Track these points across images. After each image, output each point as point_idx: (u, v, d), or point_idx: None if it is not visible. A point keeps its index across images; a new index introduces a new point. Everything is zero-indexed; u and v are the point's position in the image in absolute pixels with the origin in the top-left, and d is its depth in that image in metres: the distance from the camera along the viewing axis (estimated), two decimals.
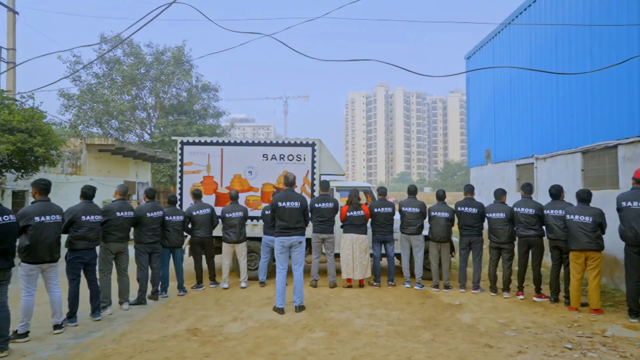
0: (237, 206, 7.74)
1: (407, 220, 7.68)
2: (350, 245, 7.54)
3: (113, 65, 25.35)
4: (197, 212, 7.51)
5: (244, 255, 7.76)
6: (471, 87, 13.59)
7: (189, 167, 8.60)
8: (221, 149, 8.59)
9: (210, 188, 8.56)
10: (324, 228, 7.57)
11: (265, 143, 8.59)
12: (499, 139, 11.39)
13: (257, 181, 8.54)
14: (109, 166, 15.78)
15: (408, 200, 7.83)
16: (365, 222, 7.67)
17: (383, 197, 7.93)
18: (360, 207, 7.61)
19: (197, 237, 7.50)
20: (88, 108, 25.05)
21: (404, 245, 7.80)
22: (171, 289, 7.31)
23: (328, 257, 7.73)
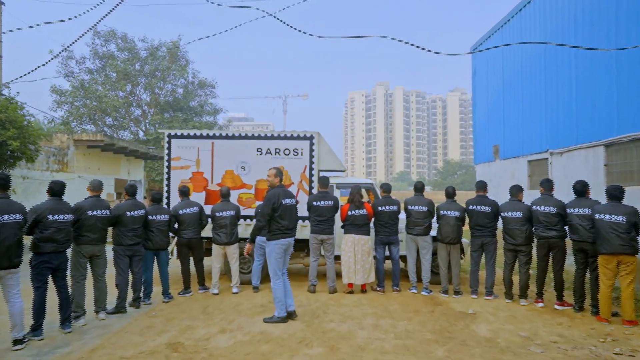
0: (228, 204, 7.09)
1: (414, 219, 7.05)
2: (352, 247, 6.90)
3: (106, 60, 24.66)
4: (184, 210, 6.87)
5: (236, 257, 7.12)
6: (477, 80, 12.95)
7: (177, 163, 7.95)
8: (212, 142, 7.94)
9: (199, 185, 7.91)
10: (323, 228, 6.93)
11: (260, 136, 7.94)
12: (508, 134, 10.75)
13: (251, 177, 7.89)
14: (98, 163, 15.12)
15: (415, 197, 7.19)
16: (369, 222, 7.03)
17: (387, 194, 7.28)
18: (362, 205, 6.97)
19: (184, 238, 6.86)
20: (81, 104, 24.40)
21: (410, 247, 7.16)
22: (156, 295, 6.67)
23: (327, 260, 7.09)
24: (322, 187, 7.08)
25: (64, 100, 23.99)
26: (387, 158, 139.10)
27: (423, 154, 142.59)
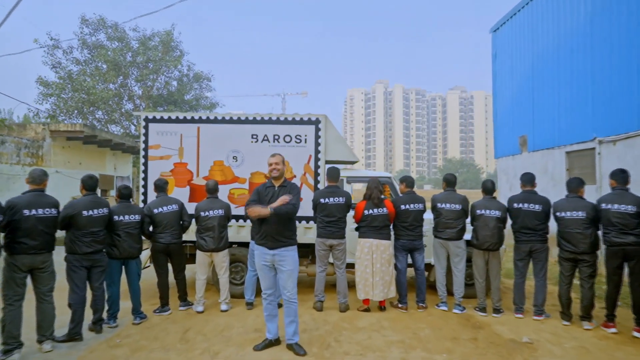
0: (216, 202, 5.78)
1: (444, 220, 5.74)
2: (369, 254, 5.59)
3: (96, 50, 23.25)
4: (160, 209, 5.55)
5: (225, 267, 5.81)
6: (499, 65, 11.63)
7: (156, 152, 6.61)
8: (197, 127, 6.61)
9: (182, 178, 6.58)
10: (332, 231, 5.63)
11: (255, 120, 6.61)
12: (539, 122, 9.44)
13: (244, 169, 6.57)
14: (80, 157, 13.77)
15: (445, 194, 5.88)
16: (389, 224, 5.73)
17: (410, 190, 5.97)
18: (382, 203, 5.66)
19: (160, 243, 5.54)
20: (69, 97, 23.00)
21: (439, 254, 5.86)
22: (126, 313, 5.36)
23: (337, 270, 5.78)
24: (332, 181, 5.77)
25: (50, 93, 22.59)
26: (386, 156, 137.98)
27: (423, 152, 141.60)
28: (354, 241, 6.03)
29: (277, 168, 4.27)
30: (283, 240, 4.20)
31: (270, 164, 4.29)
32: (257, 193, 4.29)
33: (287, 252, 4.22)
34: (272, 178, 4.32)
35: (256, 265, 4.27)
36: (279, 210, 4.05)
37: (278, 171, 4.27)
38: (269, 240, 4.17)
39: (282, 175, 4.35)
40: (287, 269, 4.22)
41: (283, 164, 4.36)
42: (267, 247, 4.18)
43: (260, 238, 4.22)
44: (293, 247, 4.29)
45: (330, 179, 5.77)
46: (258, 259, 4.26)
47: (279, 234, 4.17)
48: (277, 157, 4.33)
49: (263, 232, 4.19)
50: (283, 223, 4.18)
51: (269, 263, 4.23)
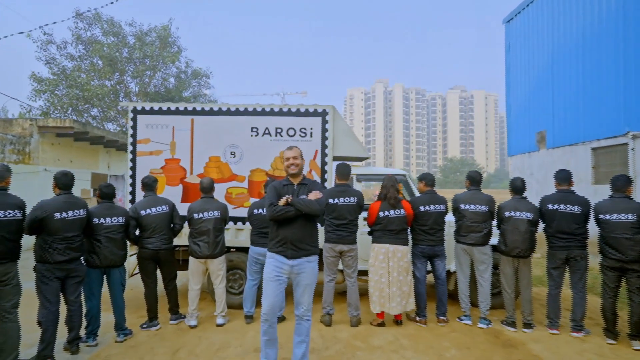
0: (211, 202, 5.13)
1: (468, 223, 5.10)
2: (385, 261, 4.94)
3: (91, 45, 22.57)
4: (148, 210, 4.90)
5: (222, 276, 5.16)
6: (513, 57, 10.99)
7: (145, 147, 5.97)
8: (191, 119, 5.96)
9: (175, 176, 5.94)
10: (343, 236, 4.98)
11: (256, 111, 5.96)
12: (560, 116, 8.79)
13: (243, 166, 5.92)
14: (70, 155, 13.10)
15: (469, 193, 5.23)
16: (407, 227, 5.08)
17: (431, 189, 5.32)
18: (400, 203, 5.01)
19: (148, 249, 4.89)
20: (64, 94, 22.34)
21: (462, 261, 5.22)
22: (108, 329, 4.71)
23: (348, 280, 5.13)
24: (342, 179, 5.13)
25: (44, 89, 21.91)
26: (386, 156, 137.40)
27: (423, 152, 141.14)
28: (365, 247, 5.40)
29: (296, 163, 3.62)
30: (306, 248, 3.55)
31: (288, 158, 3.63)
32: (275, 191, 3.61)
33: (309, 263, 3.57)
34: (289, 175, 3.67)
35: (265, 277, 3.60)
36: (308, 207, 3.44)
37: (297, 167, 3.63)
38: (289, 248, 3.51)
39: (301, 172, 3.71)
40: (306, 282, 3.57)
41: (302, 159, 3.72)
42: (286, 256, 3.51)
43: (278, 245, 3.54)
44: (315, 257, 3.64)
45: (340, 176, 5.12)
46: (270, 270, 3.56)
47: (302, 240, 3.52)
48: (295, 150, 3.68)
49: (282, 239, 3.51)
50: (308, 227, 3.55)
51: (284, 276, 3.55)
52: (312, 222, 3.61)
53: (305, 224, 3.54)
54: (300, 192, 3.60)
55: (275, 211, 3.47)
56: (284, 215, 3.46)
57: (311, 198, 3.51)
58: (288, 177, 3.69)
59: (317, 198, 3.53)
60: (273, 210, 3.48)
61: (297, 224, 3.50)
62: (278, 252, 3.54)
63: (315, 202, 3.51)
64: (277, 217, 3.48)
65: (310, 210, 3.47)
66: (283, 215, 3.46)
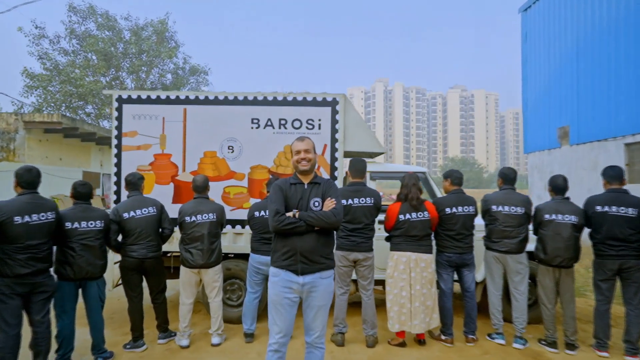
0: (206, 203, 4.45)
1: (502, 227, 4.43)
2: (406, 272, 4.27)
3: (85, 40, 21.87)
4: (132, 213, 4.22)
5: (218, 288, 4.48)
6: (530, 47, 10.31)
7: (132, 140, 5.29)
8: (184, 109, 5.28)
9: (165, 173, 5.26)
10: (357, 242, 4.31)
11: (257, 100, 5.28)
12: (586, 110, 8.11)
13: (242, 162, 5.24)
14: (60, 152, 12.42)
15: (502, 193, 4.56)
16: (431, 232, 4.41)
17: (458, 188, 4.65)
18: (423, 205, 4.34)
19: (132, 257, 4.21)
20: (58, 90, 21.66)
21: (493, 272, 4.55)
22: (83, 351, 4.04)
23: (363, 293, 4.46)
24: (356, 176, 4.45)
25: (36, 85, 21.22)
26: (386, 155, 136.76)
27: (423, 151, 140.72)
28: (382, 254, 4.73)
29: (308, 158, 2.95)
30: (320, 261, 2.89)
31: (298, 151, 2.96)
32: (280, 192, 2.94)
33: (323, 280, 2.90)
34: (298, 172, 3.00)
35: (271, 300, 2.93)
36: (324, 221, 2.83)
37: (309, 162, 2.95)
38: (299, 261, 2.84)
39: (314, 169, 3.03)
40: (319, 302, 2.90)
41: (315, 153, 3.05)
42: (296, 271, 2.85)
43: (284, 258, 2.87)
44: (330, 273, 2.97)
45: (354, 173, 4.45)
46: (277, 292, 2.88)
47: (315, 251, 2.86)
48: (307, 142, 3.00)
49: (290, 250, 2.85)
50: (322, 236, 2.89)
51: (294, 296, 2.88)
52: (327, 230, 2.94)
53: (319, 232, 2.88)
54: (312, 194, 2.94)
55: (282, 223, 2.81)
56: (292, 229, 2.81)
57: (325, 208, 2.88)
58: (297, 174, 3.02)
59: (332, 206, 2.87)
60: (279, 222, 2.82)
61: (313, 235, 2.86)
62: (285, 266, 2.87)
63: (331, 213, 2.84)
64: (284, 231, 2.83)
65: (327, 224, 2.83)
66: (292, 230, 2.81)
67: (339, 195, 2.99)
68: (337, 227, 2.92)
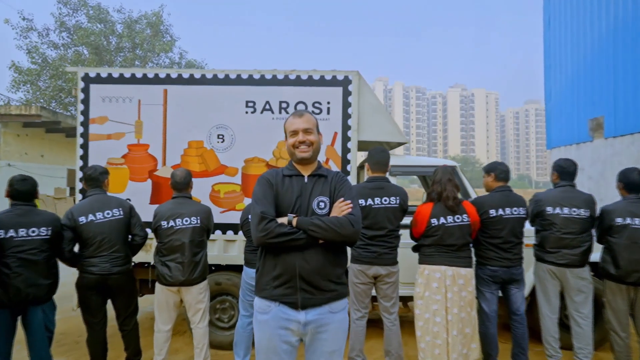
0: (188, 204, 3.53)
1: (559, 234, 3.52)
2: (440, 290, 3.35)
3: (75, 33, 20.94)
4: (91, 216, 3.30)
5: (203, 310, 3.56)
6: (554, 33, 9.41)
7: (101, 127, 4.36)
8: (164, 90, 4.36)
9: (141, 168, 4.33)
10: (379, 253, 3.41)
11: (252, 79, 4.36)
12: (626, 98, 7.16)
13: (235, 154, 4.32)
14: (41, 148, 11.49)
15: (559, 191, 3.65)
16: (470, 241, 3.49)
17: (504, 184, 3.73)
18: (461, 206, 3.42)
19: (91, 273, 3.29)
20: (47, 86, 20.75)
21: (548, 289, 3.64)
22: None
23: (386, 317, 3.55)
24: (377, 170, 3.54)
25: (25, 80, 20.30)
26: None
27: (423, 150, 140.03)
28: (409, 268, 3.82)
29: (309, 141, 2.06)
30: (329, 287, 1.99)
31: (295, 131, 2.07)
32: (268, 188, 2.04)
33: (334, 315, 2.01)
34: (295, 161, 2.11)
35: (258, 346, 2.02)
36: (335, 232, 1.93)
37: (310, 147, 2.06)
38: (300, 289, 1.95)
39: (316, 156, 2.13)
40: (330, 348, 2.00)
41: (318, 134, 2.13)
42: (294, 304, 1.96)
43: (276, 285, 1.98)
44: (344, 303, 2.07)
45: (375, 166, 3.53)
46: (265, 333, 1.98)
47: (322, 274, 1.97)
48: (307, 118, 2.10)
49: (284, 273, 1.97)
50: (331, 251, 1.99)
51: (293, 339, 1.99)
52: (339, 244, 2.03)
53: (324, 247, 1.97)
54: (315, 191, 2.04)
55: (271, 234, 1.92)
56: (287, 243, 1.92)
57: (335, 212, 1.99)
58: (293, 163, 2.12)
59: (347, 210, 1.97)
60: (268, 232, 1.93)
61: (311, 247, 1.95)
62: (278, 298, 1.97)
63: (347, 220, 1.94)
64: (276, 245, 1.93)
65: (340, 236, 1.93)
66: (286, 244, 1.92)
67: (355, 195, 2.08)
68: (355, 240, 2.00)
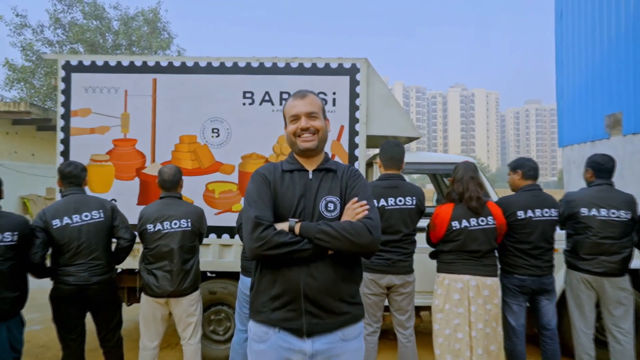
0: (177, 206, 3.14)
1: (596, 239, 3.13)
2: (463, 303, 2.95)
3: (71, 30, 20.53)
4: (67, 219, 2.90)
5: (194, 324, 3.17)
6: (566, 27, 9.02)
7: (84, 121, 3.97)
8: (153, 79, 3.96)
9: (128, 165, 3.94)
10: (392, 261, 3.02)
11: (250, 67, 3.96)
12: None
13: (231, 150, 3.93)
14: (32, 147, 11.10)
15: (595, 191, 3.25)
16: (496, 246, 3.09)
17: (532, 182, 3.33)
18: (485, 207, 3.02)
19: (67, 283, 2.89)
20: (43, 84, 20.33)
21: (583, 301, 3.24)
22: None
23: (400, 332, 3.15)
24: (390, 166, 3.14)
25: (19, 77, 19.88)
26: None
27: (423, 150, 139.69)
28: (424, 275, 3.43)
29: (314, 127, 1.68)
30: (342, 309, 1.62)
31: (297, 115, 1.69)
32: (264, 186, 1.67)
33: (348, 344, 1.63)
34: (297, 152, 1.73)
35: None
36: (346, 237, 1.55)
37: (315, 135, 1.69)
38: (305, 312, 1.58)
39: (323, 146, 1.75)
40: None
41: (324, 119, 1.74)
42: (297, 331, 1.58)
43: (276, 307, 1.61)
44: (359, 328, 1.69)
45: (388, 162, 3.14)
46: None
47: (332, 293, 1.60)
48: (311, 99, 1.71)
49: (286, 292, 1.59)
50: (340, 265, 1.61)
51: None
52: (352, 256, 1.65)
53: (335, 259, 1.59)
54: (322, 190, 1.65)
55: (269, 244, 1.53)
56: (289, 255, 1.54)
57: (348, 215, 1.61)
58: (294, 155, 1.74)
59: (363, 214, 1.59)
60: (264, 242, 1.53)
61: (318, 260, 1.57)
62: (278, 322, 1.59)
63: (361, 225, 1.56)
64: (274, 257, 1.55)
65: (355, 246, 1.55)
66: (288, 256, 1.54)
67: (370, 194, 1.68)
68: (373, 251, 1.61)
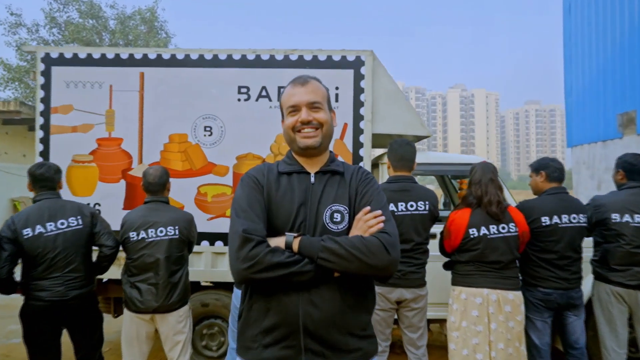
0: (163, 211, 2.83)
1: (629, 249, 2.83)
2: (482, 320, 2.64)
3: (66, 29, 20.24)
4: (40, 228, 2.59)
5: (183, 342, 2.86)
6: (575, 23, 8.73)
7: (65, 118, 3.65)
8: (140, 73, 3.64)
9: (113, 166, 3.62)
10: (403, 273, 2.72)
11: (246, 61, 3.64)
12: None
13: (225, 150, 3.61)
14: (23, 147, 10.79)
15: (626, 195, 2.94)
16: (518, 256, 2.78)
17: (558, 185, 3.02)
18: (506, 212, 2.71)
19: (41, 299, 2.57)
20: None
21: (613, 316, 2.93)
22: None
23: (411, 352, 2.84)
24: (400, 168, 2.84)
25: (14, 77, 19.57)
26: None
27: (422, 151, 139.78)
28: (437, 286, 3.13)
29: (318, 120, 1.37)
30: (350, 345, 1.30)
31: (296, 106, 1.37)
32: (255, 191, 1.35)
33: None
34: (296, 151, 1.42)
35: None
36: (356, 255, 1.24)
37: (318, 130, 1.38)
38: (306, 350, 1.26)
39: (328, 143, 1.43)
40: None
41: (329, 111, 1.44)
42: None
43: (269, 342, 1.29)
44: None
45: (398, 163, 2.83)
46: None
47: (339, 325, 1.28)
48: (313, 85, 1.40)
49: (282, 324, 1.28)
50: (350, 291, 1.30)
51: None
52: (363, 279, 1.36)
53: (342, 284, 1.30)
54: (326, 196, 1.36)
55: (260, 265, 1.23)
56: (286, 278, 1.24)
57: (358, 230, 1.32)
58: (293, 154, 1.45)
59: (377, 227, 1.30)
60: (254, 262, 1.23)
61: (322, 286, 1.29)
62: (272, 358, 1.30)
63: (376, 241, 1.26)
64: (268, 280, 1.26)
65: (367, 267, 1.26)
66: (283, 279, 1.25)
67: (386, 202, 1.38)
68: (391, 273, 1.31)
